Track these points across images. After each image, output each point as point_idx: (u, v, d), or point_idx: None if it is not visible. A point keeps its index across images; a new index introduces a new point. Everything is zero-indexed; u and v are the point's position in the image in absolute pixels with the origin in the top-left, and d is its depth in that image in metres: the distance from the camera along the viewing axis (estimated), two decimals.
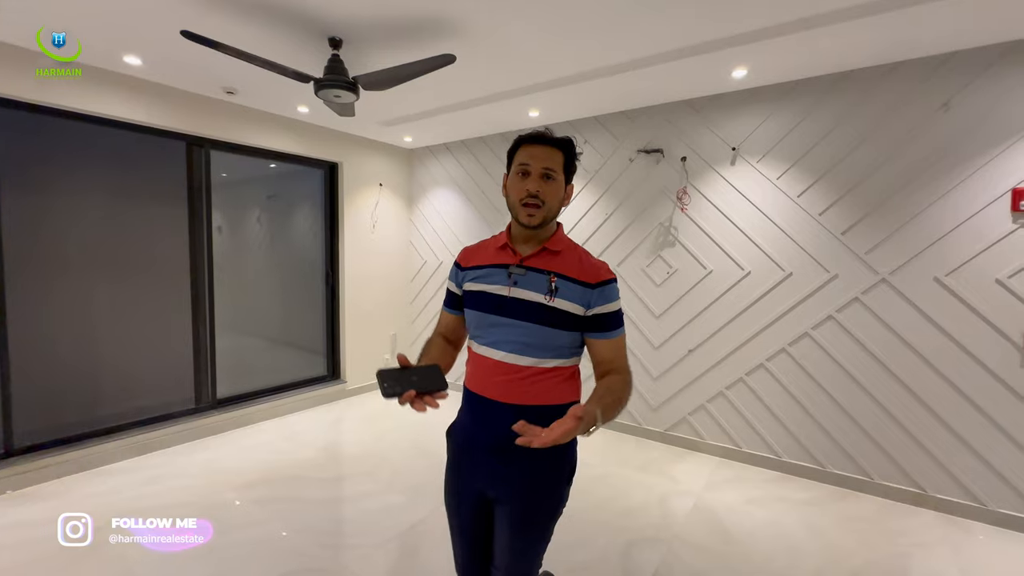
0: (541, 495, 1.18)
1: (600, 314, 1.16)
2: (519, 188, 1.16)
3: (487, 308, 1.18)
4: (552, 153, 1.17)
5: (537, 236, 1.21)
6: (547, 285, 1.14)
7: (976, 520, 2.51)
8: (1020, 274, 2.40)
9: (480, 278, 1.22)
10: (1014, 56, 2.37)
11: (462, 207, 4.59)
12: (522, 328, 1.14)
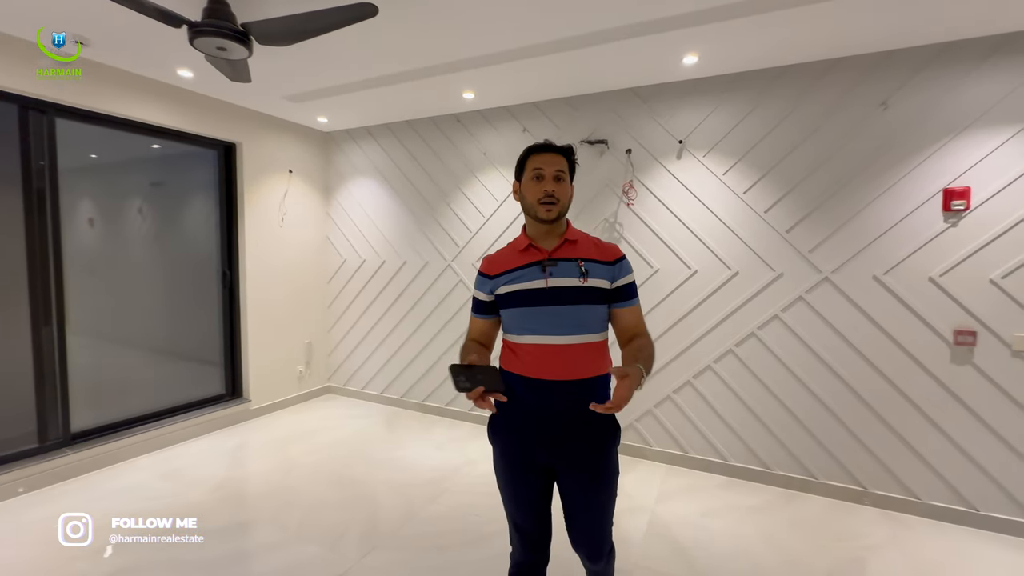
0: (600, 456, 1.33)
1: (623, 285, 1.37)
2: (536, 190, 1.34)
3: (530, 302, 1.32)
4: (559, 158, 1.36)
5: (555, 230, 1.38)
6: (578, 269, 1.32)
7: (911, 514, 2.56)
8: (951, 272, 2.45)
9: (514, 280, 1.35)
10: (946, 58, 2.41)
11: (388, 199, 4.11)
12: (565, 310, 1.30)
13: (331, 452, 3.24)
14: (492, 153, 3.64)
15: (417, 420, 3.88)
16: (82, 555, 2.12)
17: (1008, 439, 2.38)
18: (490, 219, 3.67)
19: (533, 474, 1.36)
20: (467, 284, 3.78)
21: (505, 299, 1.36)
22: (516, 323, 1.35)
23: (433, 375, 3.98)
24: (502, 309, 1.38)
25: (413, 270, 4.02)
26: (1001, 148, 2.33)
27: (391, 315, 4.14)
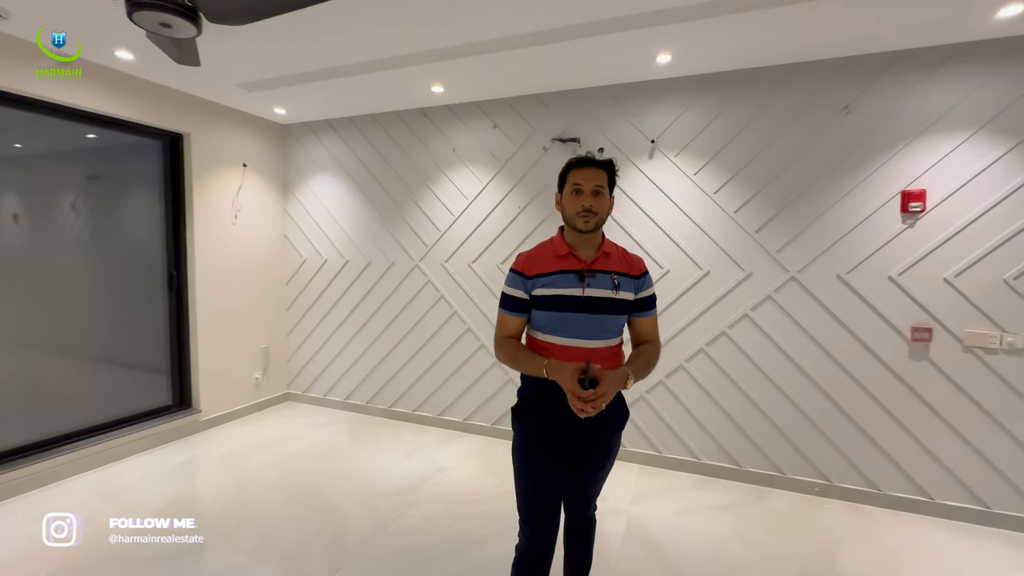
0: (613, 441, 1.50)
1: (644, 297, 1.51)
2: (575, 203, 1.42)
3: (567, 308, 1.41)
4: (598, 173, 1.43)
5: (592, 240, 1.47)
6: (611, 282, 1.44)
7: (873, 505, 2.65)
8: (908, 272, 2.55)
9: (550, 284, 1.43)
10: (903, 64, 2.50)
11: (351, 196, 3.93)
12: (598, 318, 1.42)
13: (291, 464, 3.05)
14: (462, 149, 3.53)
15: (383, 427, 3.72)
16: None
17: (959, 430, 2.50)
18: (460, 217, 3.56)
19: (556, 465, 1.45)
20: (436, 285, 3.66)
21: (542, 301, 1.44)
22: (549, 324, 1.44)
23: (400, 379, 3.83)
24: (535, 309, 1.46)
25: (378, 270, 3.86)
26: (954, 152, 2.44)
27: (355, 317, 3.96)
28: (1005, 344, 2.40)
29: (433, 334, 3.69)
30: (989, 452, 2.45)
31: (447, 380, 3.67)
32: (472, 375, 3.58)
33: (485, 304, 3.51)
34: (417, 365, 3.76)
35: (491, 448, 3.36)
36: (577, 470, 1.49)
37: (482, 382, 3.56)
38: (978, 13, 2.12)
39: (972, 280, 2.45)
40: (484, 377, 3.55)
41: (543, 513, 1.47)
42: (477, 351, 3.56)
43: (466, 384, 3.61)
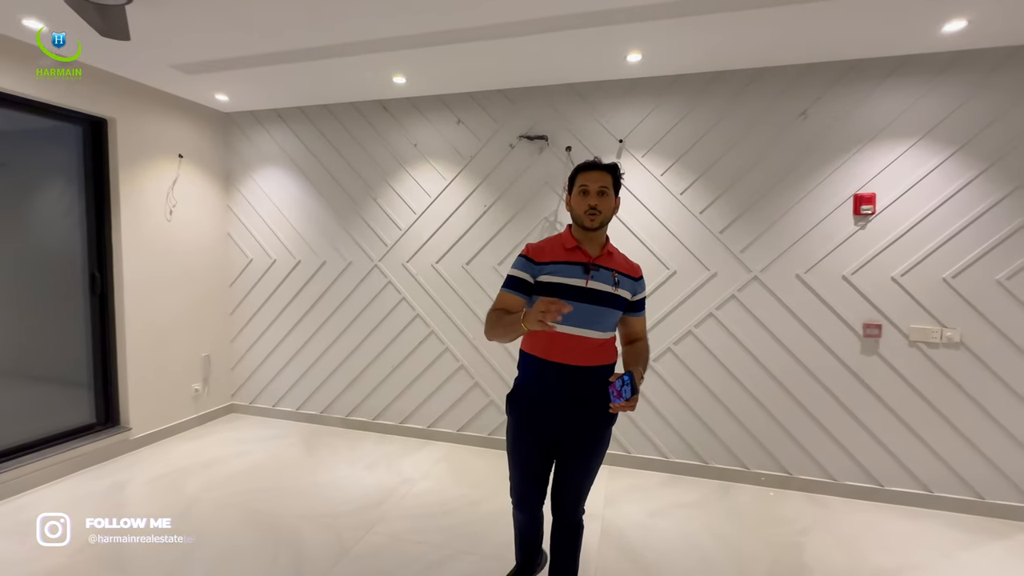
0: (599, 434, 1.56)
1: (640, 298, 1.63)
2: (582, 203, 1.53)
3: (569, 296, 1.48)
4: (604, 176, 1.54)
5: (597, 239, 1.58)
6: (612, 279, 1.54)
7: (829, 494, 2.76)
8: (860, 271, 2.68)
9: (556, 272, 1.52)
10: (855, 74, 2.62)
11: (303, 192, 3.67)
12: (595, 309, 1.50)
13: (239, 484, 2.79)
14: (424, 145, 3.38)
15: (341, 438, 3.50)
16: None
17: (906, 420, 2.65)
18: (423, 216, 3.41)
19: (542, 448, 1.57)
20: (397, 286, 3.48)
21: (547, 288, 1.52)
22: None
23: (358, 386, 3.62)
24: (540, 296, 1.51)
25: (334, 271, 3.63)
26: (901, 158, 2.59)
27: (308, 321, 3.71)
28: (945, 339, 2.57)
29: (394, 338, 3.51)
30: (931, 440, 2.62)
31: (409, 386, 3.51)
32: (436, 380, 3.44)
33: (449, 306, 3.38)
34: (376, 371, 3.57)
35: (458, 455, 3.23)
36: (561, 455, 1.58)
37: (447, 387, 3.42)
38: (926, 26, 2.24)
39: (916, 279, 2.60)
40: (449, 382, 3.42)
41: (528, 493, 1.64)
42: (441, 355, 3.42)
43: (430, 389, 3.46)
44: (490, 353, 3.31)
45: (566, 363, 1.50)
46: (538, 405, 1.55)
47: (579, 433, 1.54)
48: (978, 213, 2.51)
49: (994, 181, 2.49)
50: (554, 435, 1.55)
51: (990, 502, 2.56)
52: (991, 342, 2.52)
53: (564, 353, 1.50)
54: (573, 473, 1.57)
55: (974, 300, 2.53)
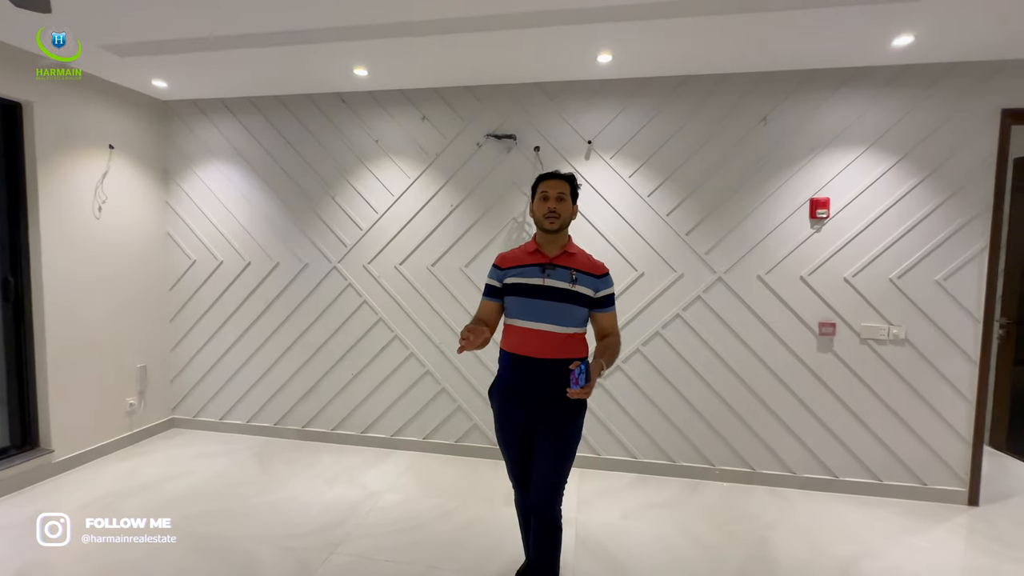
0: (567, 422, 1.66)
1: (604, 295, 1.71)
2: (543, 207, 1.68)
3: (529, 294, 1.66)
4: (562, 183, 1.71)
5: (558, 241, 1.72)
6: (569, 276, 1.67)
7: (789, 487, 2.87)
8: (816, 272, 2.80)
9: (519, 274, 1.70)
10: (811, 83, 2.73)
11: (253, 189, 3.42)
12: (554, 305, 1.64)
13: (183, 507, 2.54)
14: (386, 141, 3.24)
15: (298, 451, 3.29)
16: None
17: (857, 413, 2.79)
18: (385, 215, 3.26)
19: (519, 431, 1.70)
20: (358, 289, 3.31)
21: (510, 288, 1.71)
22: (514, 308, 1.70)
23: (316, 395, 3.42)
24: (506, 296, 1.72)
25: (288, 273, 3.41)
26: (852, 165, 2.72)
27: (260, 327, 3.46)
28: (891, 336, 2.73)
29: (355, 343, 3.34)
30: (880, 432, 2.77)
31: (372, 394, 3.35)
32: (400, 386, 3.30)
33: (414, 309, 3.25)
34: (335, 378, 3.39)
35: (426, 464, 3.11)
36: (535, 443, 1.68)
37: (412, 393, 3.29)
38: (877, 40, 2.36)
39: (866, 280, 2.75)
40: (414, 388, 3.29)
41: (516, 468, 1.77)
42: (406, 360, 3.28)
43: (393, 396, 3.32)
44: (457, 358, 3.22)
45: (531, 356, 1.65)
46: (510, 395, 1.70)
47: (547, 421, 1.65)
48: (919, 218, 2.68)
49: (933, 188, 2.66)
50: (526, 422, 1.68)
51: (932, 487, 2.74)
52: (932, 338, 2.70)
53: (529, 347, 1.66)
54: (543, 460, 1.66)
55: (917, 299, 2.70)
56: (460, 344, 1.51)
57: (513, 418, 1.70)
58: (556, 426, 1.64)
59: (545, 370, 1.63)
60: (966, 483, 2.70)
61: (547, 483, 1.64)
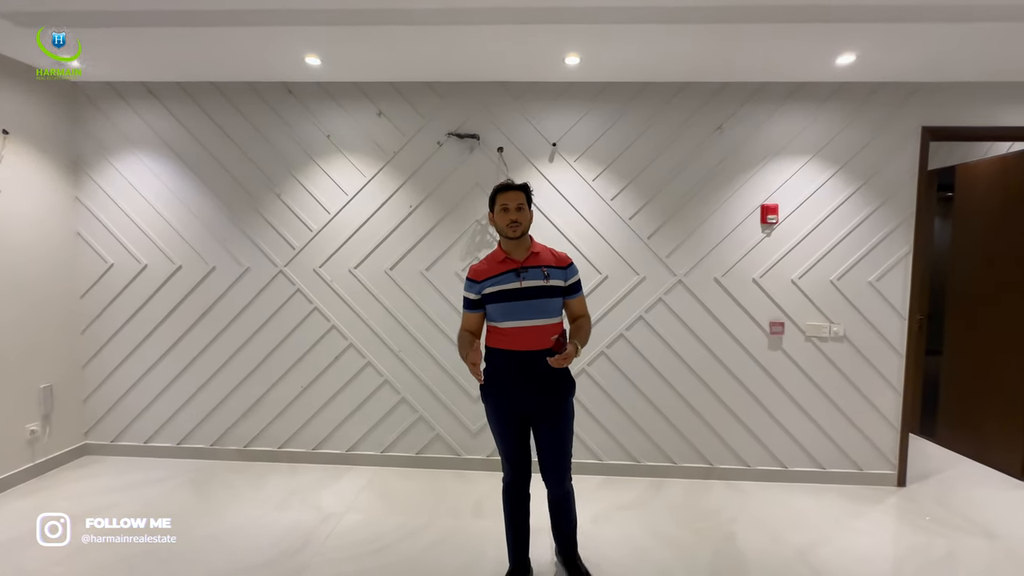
0: (564, 404, 1.91)
1: (572, 283, 1.94)
2: (504, 218, 1.86)
3: (509, 298, 1.85)
4: (518, 194, 1.87)
5: (522, 244, 1.91)
6: (542, 274, 1.88)
7: (745, 480, 3.00)
8: (767, 275, 2.95)
9: (496, 283, 1.87)
10: (761, 95, 2.88)
11: (184, 185, 3.08)
12: (535, 303, 1.85)
13: (101, 551, 2.21)
14: (339, 137, 3.03)
15: (241, 473, 2.99)
16: None
17: (803, 406, 2.98)
18: (338, 215, 3.05)
19: (517, 418, 1.89)
20: (307, 295, 3.08)
21: (491, 297, 1.87)
22: (500, 313, 1.87)
23: (260, 411, 3.14)
24: (488, 304, 1.89)
25: (226, 278, 3.10)
26: (798, 174, 2.90)
27: (193, 338, 3.12)
28: (832, 333, 2.93)
29: (304, 353, 3.10)
30: (823, 422, 2.97)
31: (324, 406, 3.12)
32: (356, 398, 3.10)
33: (371, 315, 3.07)
34: (283, 392, 3.12)
35: (385, 480, 2.94)
36: (536, 426, 1.90)
37: (369, 405, 3.11)
38: (824, 57, 2.53)
39: (810, 281, 2.94)
40: (372, 399, 3.10)
41: (514, 457, 1.93)
42: (363, 369, 3.09)
43: (349, 409, 3.11)
44: (418, 365, 3.07)
45: (526, 350, 1.83)
46: (512, 387, 1.86)
47: (546, 406, 1.87)
48: (855, 224, 2.90)
49: (865, 197, 2.89)
50: (526, 409, 1.87)
51: (867, 472, 2.97)
52: (866, 335, 2.93)
53: (523, 342, 1.84)
54: (550, 445, 1.90)
55: (853, 299, 2.92)
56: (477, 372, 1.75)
57: (515, 407, 1.87)
58: (555, 409, 1.89)
59: (539, 360, 1.80)
60: (895, 466, 2.96)
61: (558, 465, 1.93)
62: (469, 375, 3.08)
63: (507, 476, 1.99)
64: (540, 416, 1.88)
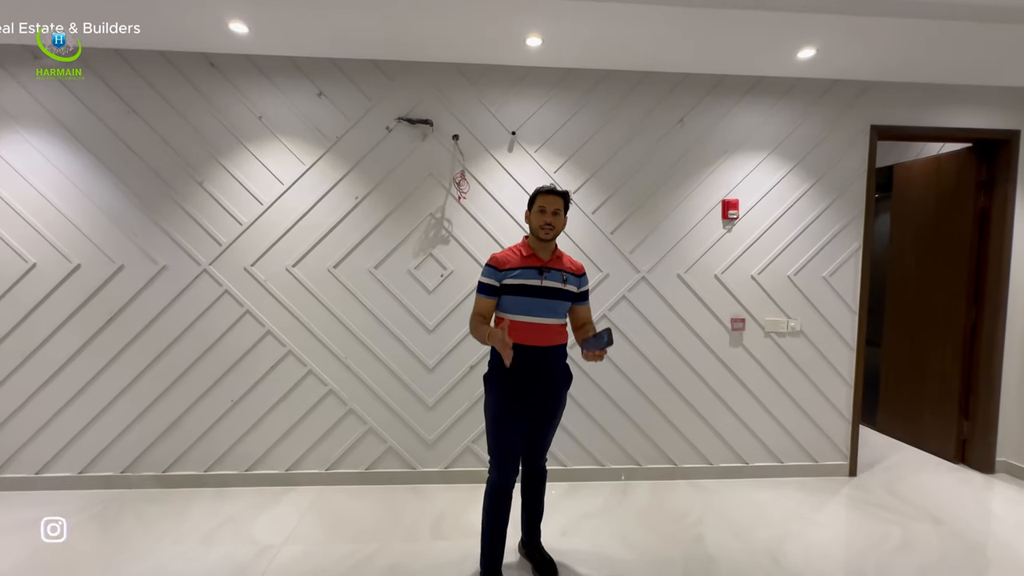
0: (562, 396, 2.04)
1: (584, 291, 2.05)
2: (540, 219, 1.92)
3: (528, 293, 1.90)
4: (557, 200, 1.94)
5: (549, 247, 1.99)
6: (561, 277, 1.96)
7: (707, 478, 2.97)
8: (728, 271, 2.92)
9: (518, 276, 1.91)
10: (722, 88, 2.84)
11: (82, 170, 2.64)
12: (550, 302, 1.92)
13: None
14: (273, 119, 2.70)
15: (158, 503, 2.60)
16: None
17: (763, 401, 2.99)
18: (273, 207, 2.72)
19: (522, 407, 1.91)
20: (237, 296, 2.72)
21: (510, 288, 1.90)
22: (515, 306, 1.90)
23: (183, 429, 2.75)
24: (505, 295, 1.91)
25: (138, 278, 2.68)
26: (757, 168, 2.89)
27: (97, 348, 2.68)
28: (790, 328, 2.96)
29: (235, 363, 2.74)
30: (781, 417, 3.00)
31: (259, 422, 2.78)
32: (296, 411, 2.79)
33: (313, 319, 2.76)
34: (209, 408, 2.75)
35: (331, 501, 2.66)
36: (534, 419, 1.96)
37: (312, 418, 2.80)
38: (784, 51, 2.51)
39: (769, 277, 2.94)
40: (315, 411, 2.80)
41: (511, 453, 1.92)
42: (303, 379, 2.78)
43: (288, 423, 2.79)
44: (367, 372, 2.81)
45: (536, 345, 1.89)
46: (516, 380, 1.88)
47: (550, 397, 1.96)
48: (809, 221, 2.93)
49: (820, 194, 2.93)
50: (530, 403, 1.91)
51: (821, 463, 3.02)
52: (820, 329, 2.98)
53: (534, 337, 1.89)
54: (540, 428, 1.99)
55: (808, 294, 2.96)
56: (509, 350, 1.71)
57: (521, 398, 1.89)
58: (556, 401, 1.99)
59: (547, 355, 1.91)
60: (847, 457, 3.03)
61: (545, 447, 2.07)
62: (422, 381, 2.85)
63: (496, 477, 1.93)
64: (541, 410, 1.95)
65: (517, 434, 1.92)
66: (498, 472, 1.92)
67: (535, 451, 2.04)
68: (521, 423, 1.91)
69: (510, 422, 1.90)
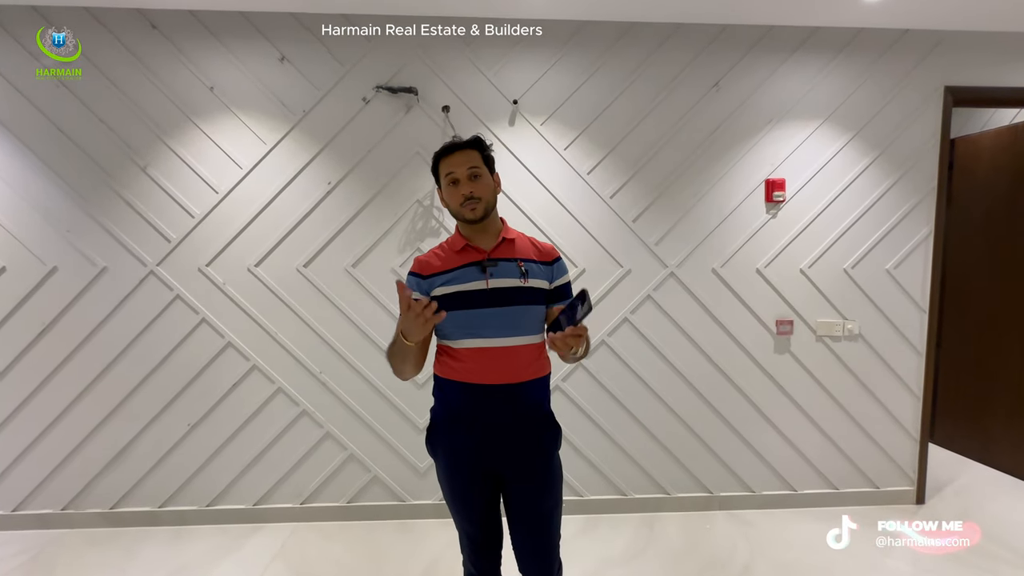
0: (546, 460, 1.30)
1: (560, 285, 1.35)
2: (455, 195, 1.27)
3: (470, 304, 1.25)
4: (469, 155, 1.27)
5: (490, 228, 1.32)
6: (518, 270, 1.28)
7: (748, 508, 2.53)
8: (772, 264, 2.46)
9: (451, 281, 1.26)
10: (767, 42, 2.35)
11: (4, 160, 2.22)
12: (506, 311, 1.24)
13: None
14: (227, 90, 2.26)
15: (103, 545, 2.21)
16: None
17: (815, 419, 2.53)
18: (230, 196, 2.29)
19: (480, 481, 1.29)
20: (190, 302, 2.30)
21: (443, 302, 1.24)
22: (455, 326, 1.26)
23: (132, 459, 2.35)
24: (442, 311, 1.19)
25: (74, 282, 2.27)
26: (808, 141, 2.41)
27: (27, 366, 2.28)
28: (846, 331, 2.49)
29: (191, 380, 2.33)
30: (836, 436, 2.54)
31: (221, 448, 2.37)
32: (265, 435, 2.38)
33: (281, 327, 2.34)
34: (162, 433, 2.35)
35: (304, 542, 2.25)
36: (506, 490, 1.32)
37: (283, 443, 2.39)
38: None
39: (821, 271, 2.47)
40: (286, 436, 2.39)
41: (471, 532, 1.34)
42: (272, 398, 2.37)
43: (256, 450, 2.38)
44: (346, 390, 2.39)
45: (491, 383, 1.25)
46: (467, 438, 1.28)
47: (522, 465, 1.29)
48: (871, 202, 2.45)
49: (883, 171, 2.44)
50: (490, 466, 1.28)
51: (883, 490, 2.57)
52: (883, 332, 2.51)
53: (486, 371, 1.25)
54: (524, 511, 1.30)
55: (869, 291, 2.48)
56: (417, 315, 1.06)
57: (472, 466, 1.28)
58: (533, 469, 1.29)
59: (513, 397, 1.26)
60: (914, 481, 2.58)
61: (538, 551, 1.32)
62: (412, 400, 2.42)
63: (468, 563, 1.40)
64: (511, 477, 1.29)
65: (477, 511, 1.32)
66: (467, 556, 1.39)
67: (525, 555, 1.33)
68: (479, 496, 1.31)
69: (464, 496, 1.31)
